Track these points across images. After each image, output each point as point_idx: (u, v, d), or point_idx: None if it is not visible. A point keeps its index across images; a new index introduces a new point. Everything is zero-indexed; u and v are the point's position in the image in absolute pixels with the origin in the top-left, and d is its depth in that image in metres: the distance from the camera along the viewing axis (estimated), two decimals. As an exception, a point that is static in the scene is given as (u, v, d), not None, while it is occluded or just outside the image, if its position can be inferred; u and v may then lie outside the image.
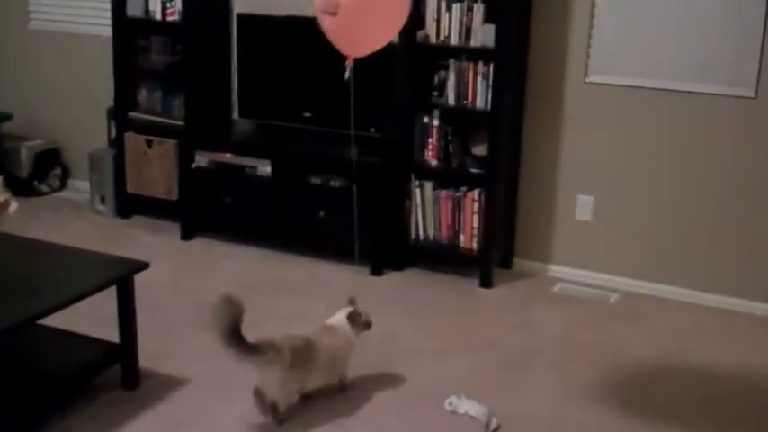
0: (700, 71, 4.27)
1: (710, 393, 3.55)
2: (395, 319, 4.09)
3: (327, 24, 3.26)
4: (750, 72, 4.17)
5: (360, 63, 4.81)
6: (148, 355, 3.50)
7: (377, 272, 4.66)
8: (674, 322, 4.24)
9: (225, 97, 5.31)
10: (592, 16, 4.43)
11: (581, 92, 4.54)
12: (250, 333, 3.07)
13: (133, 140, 5.27)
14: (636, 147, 4.49)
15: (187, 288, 4.40)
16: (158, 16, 5.10)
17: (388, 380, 3.56)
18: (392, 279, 4.62)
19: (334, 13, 3.16)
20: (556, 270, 4.78)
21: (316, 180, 4.76)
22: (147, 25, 5.22)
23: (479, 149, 4.62)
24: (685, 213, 4.45)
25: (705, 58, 4.25)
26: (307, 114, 4.94)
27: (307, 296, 4.37)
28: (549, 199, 4.74)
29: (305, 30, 4.83)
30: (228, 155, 4.95)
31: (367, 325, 3.43)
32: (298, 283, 4.55)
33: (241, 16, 5.06)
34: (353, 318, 3.39)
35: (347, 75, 3.41)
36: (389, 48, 4.61)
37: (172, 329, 3.91)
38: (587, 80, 4.51)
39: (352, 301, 3.46)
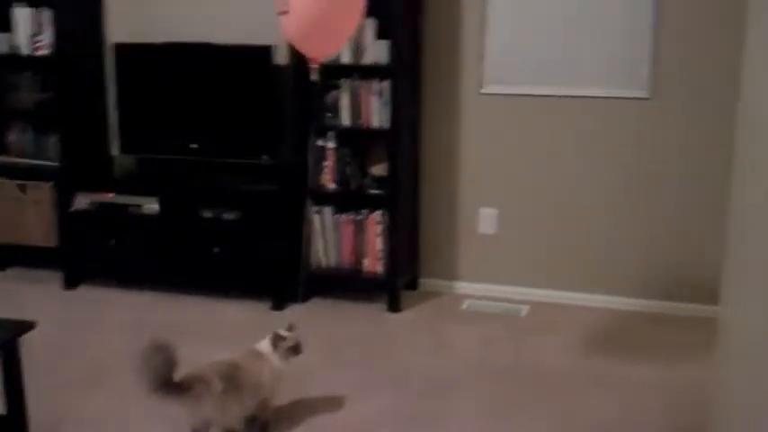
0: (594, 76, 4.25)
1: (637, 403, 3.48)
2: (304, 355, 3.85)
3: (284, 26, 3.27)
4: (642, 74, 4.18)
5: (246, 86, 4.65)
6: (37, 425, 3.17)
7: (278, 306, 4.42)
8: (587, 330, 4.17)
9: (103, 133, 4.99)
10: (484, 27, 4.37)
11: (477, 103, 4.46)
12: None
13: (4, 186, 4.87)
14: (535, 155, 4.44)
15: (75, 343, 4.03)
16: (25, 51, 4.76)
17: (306, 422, 3.33)
18: (296, 312, 4.39)
19: (285, 12, 3.15)
20: (463, 287, 4.66)
21: (207, 214, 4.48)
22: (13, 61, 4.85)
23: (378, 169, 4.47)
24: (587, 218, 4.42)
25: (598, 62, 4.24)
26: (193, 146, 4.67)
27: (207, 339, 4.08)
28: (452, 214, 4.63)
29: (185, 57, 4.62)
30: (111, 194, 4.62)
31: (294, 350, 3.20)
32: (196, 325, 4.25)
33: (118, 46, 4.76)
34: (276, 341, 3.16)
35: (314, 77, 3.43)
36: (278, 69, 4.49)
37: (62, 393, 3.55)
38: (482, 91, 4.43)
39: (290, 328, 3.24)
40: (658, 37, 4.13)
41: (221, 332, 4.16)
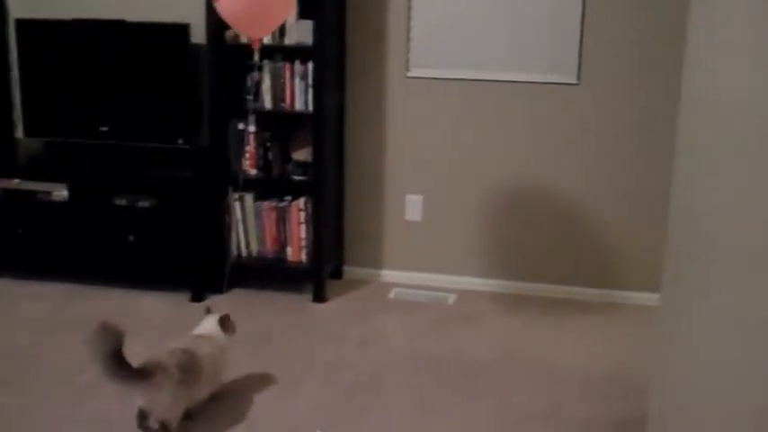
0: (522, 61, 4.18)
1: (569, 392, 3.44)
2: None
3: (221, 8, 3.30)
4: (571, 59, 4.13)
5: (161, 66, 4.42)
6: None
7: (198, 297, 4.22)
8: (516, 318, 4.12)
9: (6, 115, 4.68)
10: (410, 8, 4.25)
11: (403, 87, 4.35)
12: (62, 384, 2.59)
13: None
14: (462, 141, 4.35)
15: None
16: None
17: (230, 417, 3.17)
18: (216, 303, 4.18)
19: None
20: (389, 275, 4.56)
21: (121, 201, 4.25)
22: None
23: (301, 154, 4.31)
24: (513, 205, 4.37)
25: (526, 47, 4.17)
26: (103, 128, 4.41)
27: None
28: (377, 201, 4.52)
29: (95, 34, 4.35)
30: (16, 180, 4.34)
31: (234, 329, 3.32)
32: (111, 319, 4.02)
33: (21, 22, 4.45)
34: (225, 322, 3.27)
35: (256, 57, 3.50)
36: (195, 49, 4.28)
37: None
38: (409, 75, 4.32)
39: (209, 310, 3.33)
40: (586, 22, 4.09)
41: (138, 325, 3.93)
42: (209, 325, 3.26)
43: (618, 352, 3.78)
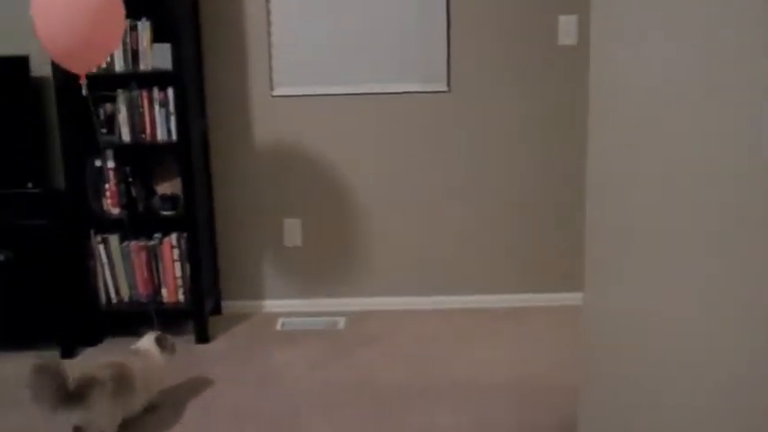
0: (393, 72, 4.07)
1: (492, 408, 3.35)
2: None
3: (43, 43, 3.15)
4: (440, 68, 4.07)
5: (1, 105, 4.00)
6: None
7: (68, 353, 3.85)
8: (413, 336, 4.00)
9: None
10: (270, 24, 4.04)
11: (269, 107, 4.14)
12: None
13: None
14: (337, 158, 4.19)
15: None
16: None
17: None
18: (89, 357, 3.83)
19: None
20: (272, 305, 4.34)
21: (-32, 257, 3.83)
22: None
23: (166, 187, 4.02)
24: (393, 219, 4.26)
25: (397, 59, 4.07)
26: (-63, 177, 3.95)
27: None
28: (253, 229, 4.28)
29: None
30: None
31: (173, 349, 3.41)
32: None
33: None
34: (161, 341, 3.36)
35: (84, 92, 3.33)
36: (37, 82, 3.90)
37: None
38: (274, 94, 4.12)
39: (149, 331, 3.42)
40: (452, 33, 4.04)
41: (4, 391, 3.54)
42: (146, 342, 3.36)
43: (536, 358, 3.72)
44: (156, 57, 3.80)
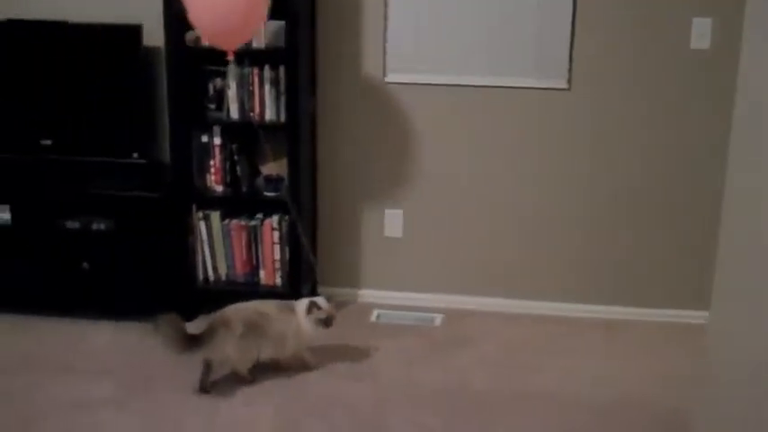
0: (511, 65, 3.89)
1: (581, 426, 3.18)
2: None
3: (195, 21, 3.25)
4: (562, 64, 3.86)
5: (110, 72, 3.98)
6: None
7: (162, 328, 3.84)
8: (509, 340, 3.84)
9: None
10: (386, 8, 3.91)
11: (381, 94, 4.01)
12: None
13: None
14: (444, 150, 4.05)
15: None
16: None
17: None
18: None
19: None
20: (368, 295, 4.23)
21: (72, 224, 3.82)
22: None
23: (271, 168, 3.96)
24: (499, 218, 4.10)
25: (517, 52, 3.88)
26: (46, 142, 3.94)
27: (75, 371, 3.44)
28: (354, 216, 4.18)
29: (35, 37, 3.89)
30: (-51, 202, 3.86)
31: (325, 322, 3.42)
32: (64, 356, 3.59)
33: (-54, 24, 3.94)
34: (311, 308, 3.40)
35: (230, 67, 3.49)
36: (150, 53, 3.87)
37: None
38: (387, 80, 3.99)
39: (328, 300, 3.51)
40: (576, 29, 3.83)
41: (93, 361, 3.54)
42: (301, 304, 3.44)
43: (633, 376, 3.52)
44: (270, 34, 3.71)
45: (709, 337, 2.60)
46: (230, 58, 3.27)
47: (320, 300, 3.44)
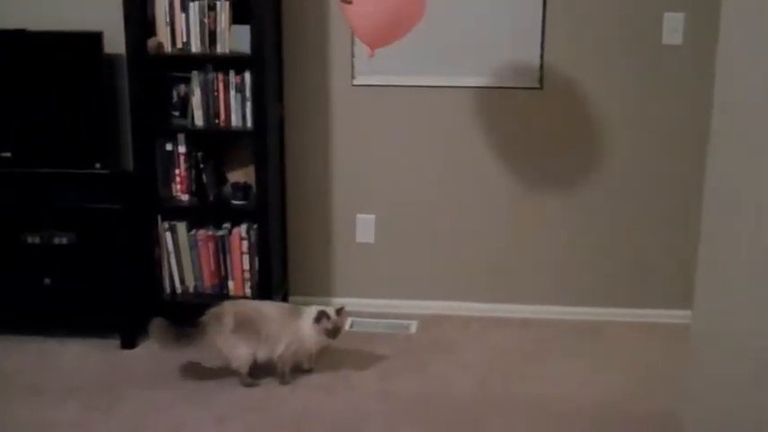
0: (482, 66, 3.83)
1: (555, 424, 3.12)
2: (171, 404, 3.22)
3: (352, 19, 3.24)
4: (533, 64, 3.80)
5: (71, 81, 3.87)
6: None
7: (129, 343, 3.71)
8: (488, 345, 3.77)
9: None
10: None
11: (349, 97, 3.94)
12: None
13: None
14: (416, 153, 3.98)
15: None
16: None
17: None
18: (150, 350, 3.64)
19: (349, 2, 3.12)
20: (340, 303, 4.12)
21: (33, 239, 3.69)
22: None
23: (238, 175, 3.86)
24: (475, 221, 4.03)
25: (487, 52, 3.83)
26: (5, 154, 3.81)
27: (43, 391, 3.32)
28: (325, 223, 4.09)
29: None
30: None
31: (332, 333, 3.37)
32: (30, 375, 3.47)
33: None
34: (319, 318, 3.36)
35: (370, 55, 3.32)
36: (110, 60, 3.77)
37: None
38: (354, 82, 3.91)
39: (339, 311, 3.41)
40: (547, 28, 3.78)
41: (61, 380, 3.42)
42: (310, 311, 3.39)
43: (616, 379, 3.45)
44: (235, 39, 3.62)
45: (692, 337, 2.55)
46: (371, 55, 3.28)
47: (329, 310, 3.38)
